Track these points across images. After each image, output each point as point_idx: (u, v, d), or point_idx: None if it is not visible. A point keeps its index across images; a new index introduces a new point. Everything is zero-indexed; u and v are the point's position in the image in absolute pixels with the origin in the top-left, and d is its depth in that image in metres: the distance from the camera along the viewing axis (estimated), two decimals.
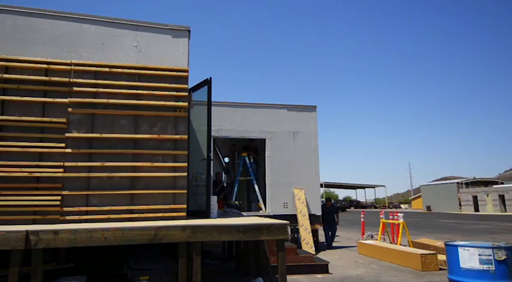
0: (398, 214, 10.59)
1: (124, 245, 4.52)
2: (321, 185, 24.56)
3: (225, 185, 11.61)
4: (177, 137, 5.69)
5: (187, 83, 5.92)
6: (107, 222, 5.09)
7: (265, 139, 10.56)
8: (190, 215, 5.96)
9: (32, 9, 5.50)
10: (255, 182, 10.83)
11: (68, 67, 5.43)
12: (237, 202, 9.98)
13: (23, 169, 5.01)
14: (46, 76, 5.32)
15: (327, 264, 7.46)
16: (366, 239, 11.14)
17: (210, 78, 6.53)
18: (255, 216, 8.39)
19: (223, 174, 12.40)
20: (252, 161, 11.12)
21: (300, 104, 11.15)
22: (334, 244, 11.72)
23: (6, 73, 5.18)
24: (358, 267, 8.04)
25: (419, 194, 59.78)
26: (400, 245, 9.75)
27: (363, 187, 72.27)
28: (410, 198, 73.17)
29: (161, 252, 5.74)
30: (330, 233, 11.59)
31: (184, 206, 5.57)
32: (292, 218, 9.78)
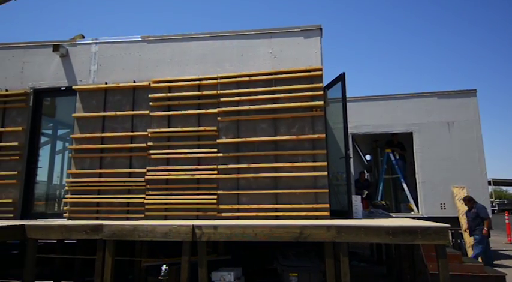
0: None
1: (273, 242, 4.76)
2: (489, 183, 20.70)
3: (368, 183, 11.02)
4: (315, 136, 5.69)
5: (321, 82, 5.87)
6: (256, 219, 5.48)
7: (412, 132, 9.55)
8: (333, 214, 5.86)
9: (185, 34, 6.42)
10: (403, 180, 9.91)
11: (215, 81, 6.10)
12: (383, 202, 9.33)
13: (187, 172, 5.88)
14: (199, 91, 6.12)
15: (504, 277, 6.17)
16: None
17: (343, 73, 6.31)
18: (406, 217, 7.65)
19: (366, 172, 11.79)
20: (397, 157, 10.23)
21: (453, 89, 9.67)
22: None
23: (169, 92, 6.19)
24: None
25: None
26: None
27: None
28: None
29: (307, 250, 5.82)
30: None
31: (327, 205, 5.51)
32: (452, 221, 8.50)
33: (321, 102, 5.76)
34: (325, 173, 5.58)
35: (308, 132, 5.74)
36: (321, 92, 5.81)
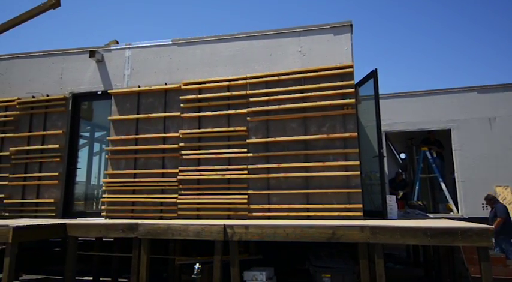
0: None
1: (304, 242, 4.71)
2: None
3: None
4: (347, 135, 5.56)
5: (352, 79, 5.73)
6: (287, 219, 5.43)
7: (450, 129, 9.13)
8: (367, 215, 5.71)
9: (213, 36, 6.49)
10: (441, 179, 9.50)
11: (244, 81, 6.12)
12: (420, 202, 8.98)
13: (217, 172, 5.94)
14: (228, 92, 6.16)
15: None
16: None
17: (376, 69, 6.13)
18: (445, 218, 7.31)
19: (401, 171, 11.40)
20: (434, 155, 9.81)
21: (494, 84, 9.14)
22: None
23: (199, 94, 6.28)
24: None
25: None
26: None
27: None
28: None
29: (340, 251, 5.70)
30: None
31: (360, 205, 5.37)
32: None
33: (353, 100, 5.62)
34: (358, 172, 5.45)
35: (339, 130, 5.63)
36: (352, 90, 5.67)
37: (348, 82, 5.69)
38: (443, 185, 9.38)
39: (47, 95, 7.04)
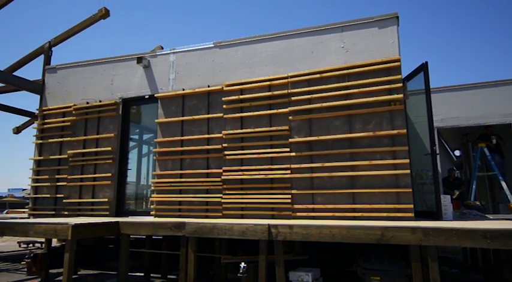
0: None
1: (351, 244, 4.56)
2: None
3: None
4: (395, 132, 5.31)
5: (400, 73, 5.46)
6: (332, 219, 5.30)
7: (510, 124, 8.42)
8: (419, 216, 5.42)
9: (254, 37, 6.51)
10: (501, 177, 8.77)
11: (286, 80, 6.07)
12: (477, 202, 8.36)
13: (260, 172, 5.94)
14: (269, 91, 6.15)
15: None
16: None
17: (426, 62, 5.79)
18: (507, 219, 6.74)
19: (456, 169, 10.70)
20: (493, 152, 9.09)
21: None
22: None
23: (241, 94, 6.33)
24: None
25: None
26: None
27: None
28: None
29: (390, 253, 5.46)
30: None
31: (411, 206, 5.11)
32: None
33: (401, 95, 5.36)
34: (408, 171, 5.18)
35: (386, 128, 5.39)
36: (400, 84, 5.41)
37: (395, 77, 5.44)
38: (503, 184, 8.66)
39: (100, 101, 7.47)
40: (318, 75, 5.87)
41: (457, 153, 11.11)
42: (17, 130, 12.65)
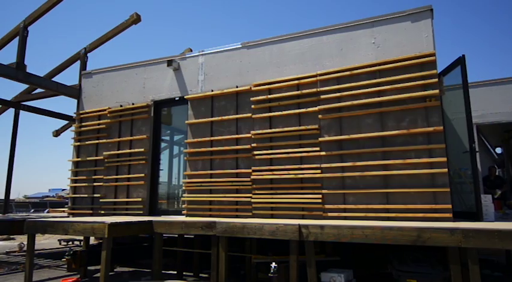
0: None
1: (385, 245, 4.43)
2: None
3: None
4: (430, 129, 5.10)
5: (435, 68, 5.24)
6: (365, 220, 5.17)
7: None
8: (457, 216, 5.16)
9: (281, 36, 6.47)
10: None
11: (314, 78, 5.99)
12: None
13: (290, 172, 5.90)
14: (298, 90, 6.09)
15: None
16: None
17: (463, 56, 5.52)
18: None
19: (497, 167, 10.14)
20: None
21: None
22: None
23: (269, 94, 6.31)
24: None
25: None
26: None
27: None
28: None
29: (427, 256, 5.25)
30: None
31: (449, 206, 4.89)
32: None
33: (436, 91, 5.14)
34: (445, 169, 4.96)
35: (421, 125, 5.19)
36: (436, 80, 5.19)
37: (430, 72, 5.22)
38: None
39: (133, 104, 7.71)
40: (348, 73, 5.74)
41: (498, 150, 10.52)
42: (57, 133, 13.34)
